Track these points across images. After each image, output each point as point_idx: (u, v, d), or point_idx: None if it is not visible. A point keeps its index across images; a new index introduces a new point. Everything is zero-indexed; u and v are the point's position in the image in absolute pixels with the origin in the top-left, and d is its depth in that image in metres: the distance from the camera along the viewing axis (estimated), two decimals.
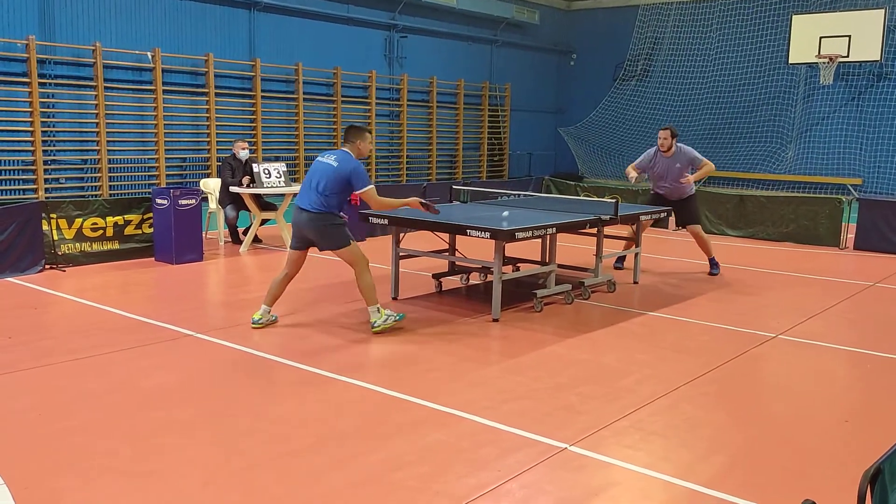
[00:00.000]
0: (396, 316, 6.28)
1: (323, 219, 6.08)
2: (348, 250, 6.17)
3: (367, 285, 6.18)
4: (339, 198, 6.13)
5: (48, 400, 4.64)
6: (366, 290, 6.18)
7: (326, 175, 6.09)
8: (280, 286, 6.41)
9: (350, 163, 6.11)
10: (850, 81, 21.55)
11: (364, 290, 6.19)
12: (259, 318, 6.36)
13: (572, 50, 27.10)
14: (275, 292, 6.41)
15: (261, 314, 6.38)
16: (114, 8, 15.25)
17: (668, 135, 8.87)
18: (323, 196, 6.06)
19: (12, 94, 13.91)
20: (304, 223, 6.15)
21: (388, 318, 6.21)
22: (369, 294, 6.18)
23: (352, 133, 6.30)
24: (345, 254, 6.18)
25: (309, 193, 6.13)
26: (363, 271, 6.19)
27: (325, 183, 6.06)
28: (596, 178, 23.90)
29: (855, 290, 8.39)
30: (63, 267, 8.54)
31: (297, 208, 6.22)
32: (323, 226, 6.09)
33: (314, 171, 6.20)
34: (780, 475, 3.83)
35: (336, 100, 19.30)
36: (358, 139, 6.25)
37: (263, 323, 6.36)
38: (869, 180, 21.03)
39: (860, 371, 5.69)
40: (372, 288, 6.19)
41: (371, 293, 6.18)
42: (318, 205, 6.08)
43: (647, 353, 5.85)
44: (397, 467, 3.79)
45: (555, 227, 6.99)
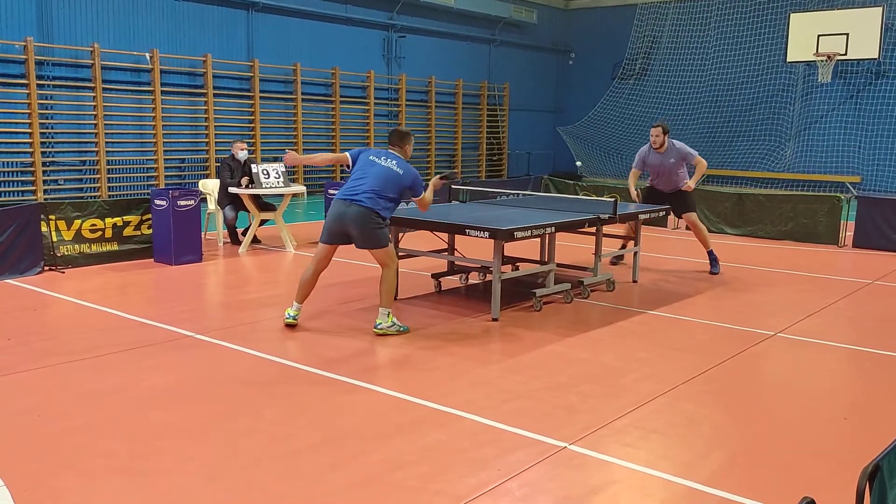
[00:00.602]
0: (402, 326, 6.24)
1: (374, 218, 6.08)
2: (386, 250, 6.22)
3: (389, 286, 6.20)
4: (394, 203, 6.21)
5: (48, 401, 4.64)
6: (386, 290, 6.19)
7: (389, 180, 6.13)
8: (311, 281, 6.37)
9: (411, 171, 6.24)
10: (849, 79, 21.56)
11: (384, 291, 6.20)
12: (294, 314, 6.34)
13: (570, 49, 27.11)
14: (306, 288, 6.37)
15: (295, 311, 6.36)
16: (112, 9, 15.25)
17: (659, 132, 8.93)
18: (381, 198, 6.09)
19: (10, 96, 13.91)
20: (353, 217, 6.07)
21: (394, 326, 6.18)
22: (388, 296, 6.19)
23: (399, 137, 6.40)
24: (380, 253, 6.21)
25: (368, 190, 6.07)
26: (392, 273, 6.23)
27: (386, 187, 6.10)
28: (594, 177, 23.90)
29: (854, 287, 8.39)
30: (62, 268, 8.54)
31: (343, 201, 6.12)
32: (371, 226, 6.08)
33: (371, 171, 6.16)
34: (779, 473, 3.84)
35: (334, 100, 19.31)
36: (406, 143, 6.38)
37: (297, 320, 6.37)
38: (868, 178, 21.05)
39: (859, 368, 5.70)
40: (392, 291, 6.23)
41: (389, 296, 6.19)
42: (373, 204, 6.06)
43: (646, 351, 5.86)
44: (397, 467, 3.80)
45: (554, 227, 6.99)
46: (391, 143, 6.40)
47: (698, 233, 9.12)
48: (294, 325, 6.33)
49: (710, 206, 12.71)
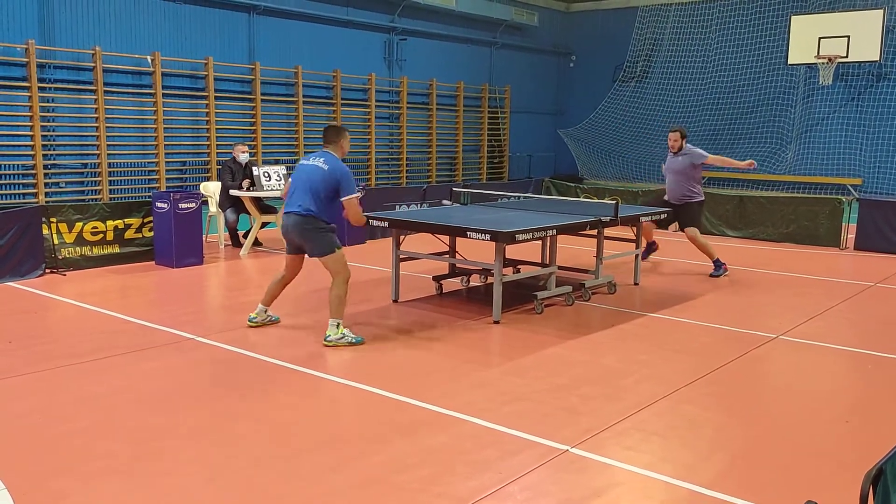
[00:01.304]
0: (354, 338, 5.94)
1: (311, 223, 5.92)
2: (333, 258, 5.97)
3: (338, 297, 5.92)
4: (329, 202, 5.97)
5: (49, 403, 4.64)
6: (336, 301, 5.92)
7: (316, 178, 5.92)
8: (277, 287, 6.37)
9: (340, 166, 5.97)
10: (850, 82, 21.56)
11: (333, 301, 5.93)
12: (255, 317, 6.38)
13: (572, 52, 27.12)
14: (272, 293, 6.37)
15: (256, 313, 6.39)
16: (113, 12, 15.27)
17: (677, 136, 9.16)
18: (314, 199, 5.91)
19: (12, 99, 13.92)
20: (293, 227, 5.99)
21: (345, 338, 5.90)
22: (337, 307, 5.92)
23: (332, 133, 6.16)
24: (328, 261, 5.97)
25: (298, 197, 5.95)
26: (341, 283, 5.96)
27: (315, 185, 5.90)
28: (596, 179, 23.91)
29: (855, 290, 8.38)
30: (63, 271, 8.54)
31: (286, 214, 6.05)
32: (309, 230, 5.93)
33: (302, 174, 6.02)
34: (781, 476, 3.83)
35: (336, 103, 19.32)
36: (341, 139, 6.12)
37: (259, 322, 6.38)
38: (869, 180, 21.03)
39: (860, 371, 5.69)
40: (342, 302, 5.95)
41: (339, 307, 5.93)
42: (307, 209, 5.90)
43: (647, 353, 5.85)
44: (399, 469, 3.79)
45: (555, 229, 6.99)
46: (326, 140, 6.16)
47: (700, 247, 9.13)
48: (256, 327, 6.34)
49: (711, 209, 12.69)
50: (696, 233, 9.14)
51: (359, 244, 11.04)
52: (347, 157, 6.33)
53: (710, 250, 9.12)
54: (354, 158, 20.00)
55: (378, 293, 7.77)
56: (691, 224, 9.18)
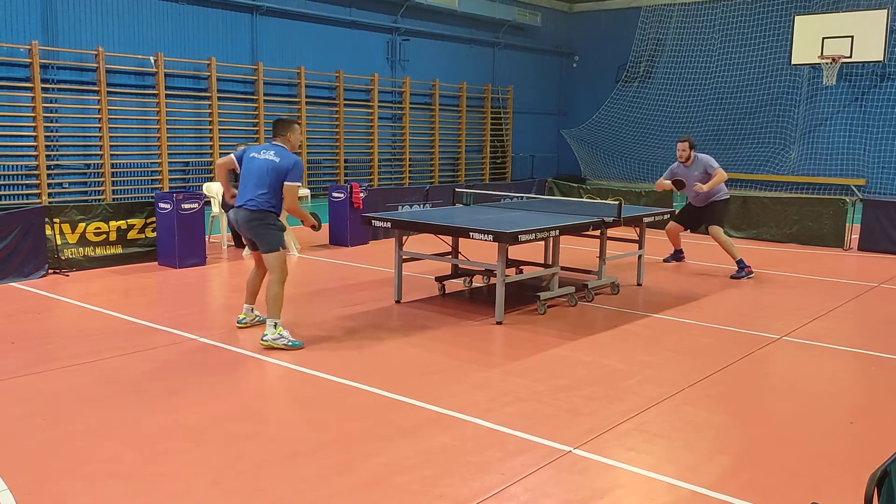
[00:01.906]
0: (291, 341, 5.81)
1: (260, 218, 5.83)
2: (275, 255, 5.89)
3: (275, 296, 5.84)
4: (280, 196, 5.87)
5: (51, 404, 4.64)
6: (273, 300, 5.83)
7: (269, 171, 5.82)
8: (255, 282, 6.29)
9: (290, 157, 5.90)
10: (854, 82, 21.52)
11: (270, 300, 5.84)
12: (243, 317, 6.34)
13: (574, 52, 27.11)
14: (253, 289, 6.30)
15: (244, 314, 6.35)
16: (116, 12, 15.30)
17: (685, 146, 9.16)
18: (267, 193, 5.81)
19: (15, 99, 13.96)
20: (243, 221, 5.88)
21: (281, 339, 5.79)
22: (274, 306, 5.82)
23: (281, 126, 6.09)
24: (270, 257, 5.89)
25: (250, 191, 5.85)
26: (279, 282, 5.87)
27: (268, 179, 5.81)
28: (599, 179, 23.90)
29: (859, 290, 8.36)
30: (66, 272, 8.54)
31: (236, 208, 5.94)
32: (259, 225, 5.85)
33: (252, 168, 5.91)
34: (784, 477, 3.82)
35: (338, 103, 19.33)
36: (288, 132, 6.05)
37: (248, 323, 6.34)
38: (873, 181, 20.99)
39: (864, 372, 5.67)
40: (279, 301, 5.85)
41: (276, 306, 5.83)
42: (258, 204, 5.81)
43: (650, 355, 5.84)
44: (400, 470, 3.78)
45: (558, 230, 6.98)
46: (274, 134, 6.08)
47: (723, 247, 9.14)
48: (246, 328, 6.29)
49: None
50: (719, 231, 9.15)
51: (362, 245, 11.04)
52: (351, 156, 6.30)
53: (733, 250, 9.09)
54: (357, 159, 20.03)
55: (381, 294, 7.77)
56: (715, 222, 9.19)
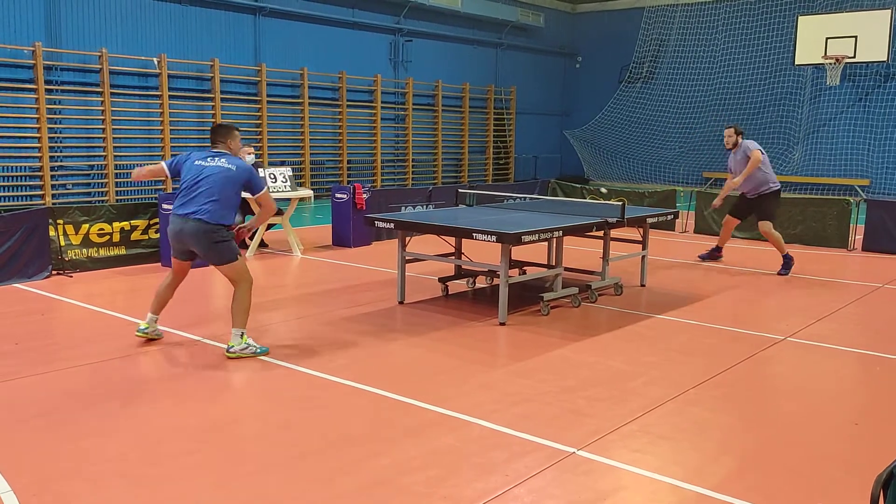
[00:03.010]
0: (258, 349, 5.63)
1: (217, 231, 5.50)
2: (234, 266, 5.61)
3: (242, 306, 5.60)
4: (236, 205, 5.66)
5: (55, 406, 4.64)
6: (239, 310, 5.60)
7: (226, 181, 5.54)
8: (166, 293, 5.90)
9: (243, 165, 5.67)
10: (857, 82, 21.49)
11: (236, 310, 5.60)
12: (145, 327, 5.88)
13: (577, 52, 27.10)
14: (161, 299, 5.90)
15: (147, 323, 5.89)
16: (120, 14, 15.32)
17: (731, 132, 9.25)
18: (221, 204, 5.51)
19: (19, 101, 13.98)
20: (192, 234, 5.51)
21: (248, 349, 5.60)
22: (240, 316, 5.60)
23: (221, 133, 5.82)
24: (229, 270, 5.61)
25: (201, 201, 5.49)
26: (245, 291, 5.64)
27: (225, 189, 5.52)
28: (602, 180, 23.88)
29: (864, 291, 8.34)
30: (70, 273, 8.55)
31: (180, 217, 5.53)
32: (214, 240, 5.50)
33: (203, 175, 5.56)
34: (789, 478, 3.81)
35: (341, 104, 19.34)
36: (228, 138, 5.81)
37: (149, 333, 5.88)
38: (877, 181, 20.95)
39: (869, 373, 5.66)
40: (246, 311, 5.63)
41: (242, 316, 5.61)
42: (213, 216, 5.48)
43: (654, 355, 5.83)
44: (405, 471, 3.78)
45: (561, 230, 6.97)
46: (214, 141, 5.81)
47: (772, 241, 9.20)
48: (147, 338, 5.88)
49: (718, 210, 12.65)
50: (770, 227, 9.15)
51: (365, 245, 11.04)
52: (354, 157, 6.26)
53: (782, 245, 9.15)
54: (360, 160, 20.04)
55: (384, 294, 7.76)
56: (764, 216, 9.20)
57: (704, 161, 23.15)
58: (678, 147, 23.96)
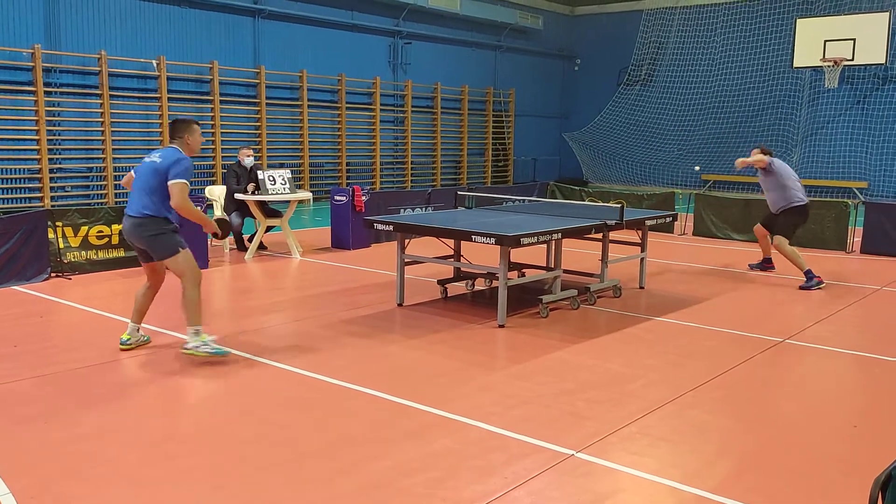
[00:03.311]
0: (214, 349, 5.50)
1: (149, 224, 5.46)
2: (176, 259, 5.52)
3: (192, 301, 5.49)
4: (166, 198, 5.49)
5: (54, 408, 4.64)
6: (190, 306, 5.48)
7: (150, 173, 5.48)
8: (145, 301, 5.82)
9: (174, 155, 5.54)
10: (856, 84, 21.53)
11: (187, 307, 5.49)
12: (127, 338, 5.79)
13: (576, 55, 27.14)
14: (141, 308, 5.82)
15: (128, 334, 5.81)
16: (119, 16, 15.34)
17: (757, 152, 9.10)
18: (149, 199, 5.46)
19: (18, 103, 13.99)
20: (129, 231, 5.54)
21: (204, 347, 5.48)
22: (192, 312, 5.49)
23: (178, 128, 5.73)
24: (172, 263, 5.54)
25: (135, 198, 5.52)
26: (192, 286, 5.51)
27: (150, 182, 5.47)
28: (601, 182, 23.90)
29: (862, 293, 8.35)
30: (69, 275, 8.55)
31: (125, 217, 5.59)
32: (149, 233, 5.48)
33: (139, 173, 5.58)
34: (788, 480, 3.81)
35: (340, 106, 19.35)
36: (186, 133, 5.71)
37: (133, 344, 5.80)
38: (875, 183, 20.99)
39: (868, 375, 5.66)
40: (197, 306, 5.52)
41: (194, 312, 5.50)
42: (144, 208, 5.46)
43: (653, 358, 5.83)
44: (405, 473, 3.78)
45: (560, 233, 6.98)
46: (171, 137, 5.75)
47: (787, 257, 8.79)
48: (129, 349, 5.75)
49: (717, 212, 12.68)
50: (783, 242, 8.75)
51: (364, 248, 11.05)
52: (353, 159, 6.20)
53: (799, 261, 8.72)
54: (359, 162, 20.05)
55: (383, 297, 7.77)
56: (779, 231, 8.88)
57: (703, 163, 23.18)
58: (677, 149, 24.00)
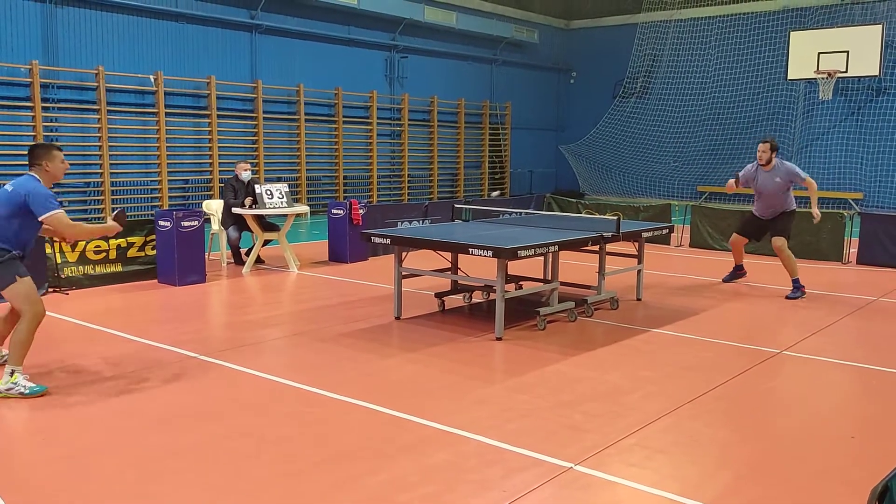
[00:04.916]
0: (29, 388, 5.01)
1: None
2: (14, 289, 5.02)
3: (19, 338, 5.02)
4: (14, 227, 5.05)
5: (50, 423, 4.63)
6: (15, 342, 5.02)
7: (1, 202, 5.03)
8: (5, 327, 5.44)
9: (27, 184, 5.09)
10: (850, 96, 21.65)
11: (13, 342, 5.03)
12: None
13: (572, 68, 27.26)
14: None
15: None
16: (116, 32, 15.40)
17: (767, 147, 8.79)
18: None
19: (16, 119, 14.02)
20: None
21: (16, 388, 4.98)
22: (15, 349, 5.01)
23: (36, 155, 5.27)
24: (12, 294, 5.03)
25: None
26: (27, 321, 5.02)
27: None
28: (597, 194, 23.95)
29: (859, 304, 8.37)
30: (66, 290, 8.54)
31: None
32: None
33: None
34: (786, 492, 3.81)
35: (337, 120, 19.41)
36: (45, 159, 5.24)
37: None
38: (870, 194, 21.06)
39: (865, 386, 5.67)
40: (23, 345, 5.04)
41: (17, 350, 5.02)
42: None
43: (651, 370, 5.83)
44: (402, 488, 3.77)
45: (557, 245, 6.99)
46: (29, 164, 5.31)
47: (784, 260, 8.78)
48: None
49: (713, 224, 12.71)
50: (784, 244, 8.72)
51: (361, 261, 11.05)
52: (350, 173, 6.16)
53: (794, 267, 8.72)
54: (356, 175, 20.09)
55: (381, 310, 7.77)
56: (779, 233, 8.79)
57: (699, 175, 23.25)
58: (673, 161, 24.08)
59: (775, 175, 8.80)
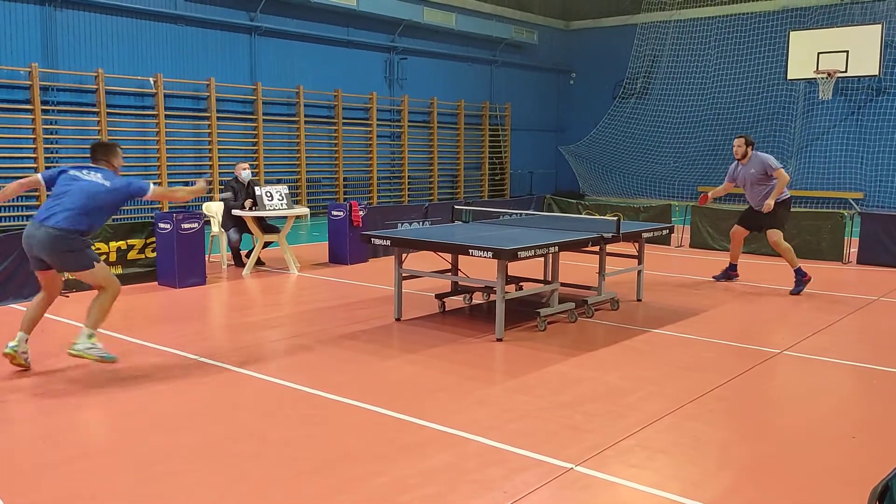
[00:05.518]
0: (104, 354, 5.59)
1: (69, 240, 5.44)
2: (93, 273, 5.61)
3: (102, 308, 5.63)
4: (102, 218, 5.69)
5: (51, 427, 4.63)
6: (98, 311, 5.61)
7: (98, 195, 5.55)
8: (38, 309, 5.79)
9: (120, 179, 5.73)
10: (850, 96, 21.65)
11: (98, 312, 5.61)
12: (15, 345, 5.61)
13: (571, 69, 27.27)
14: (33, 314, 5.75)
15: (17, 342, 5.62)
16: (116, 34, 15.40)
17: (741, 142, 9.08)
18: (86, 216, 5.50)
19: (15, 122, 14.02)
20: (40, 242, 5.43)
21: (93, 350, 5.55)
22: (96, 317, 5.60)
23: (103, 152, 5.87)
24: (88, 276, 5.61)
25: (62, 210, 5.45)
26: (108, 296, 5.66)
27: (94, 202, 5.52)
28: (597, 195, 23.96)
29: (859, 304, 8.36)
30: (66, 293, 8.53)
31: (34, 224, 5.49)
32: (64, 249, 5.45)
33: (73, 188, 5.53)
34: (787, 492, 3.81)
35: (337, 122, 19.42)
36: (112, 157, 5.87)
37: (19, 352, 5.60)
38: (870, 194, 21.05)
39: (866, 386, 5.67)
40: (104, 314, 5.66)
41: (98, 318, 5.62)
42: (71, 224, 5.43)
43: (651, 370, 5.83)
44: (403, 489, 3.77)
45: (557, 246, 6.99)
46: (94, 158, 5.82)
47: (782, 253, 8.92)
48: (12, 356, 5.57)
49: (713, 224, 12.71)
50: (780, 236, 8.87)
51: (361, 262, 11.06)
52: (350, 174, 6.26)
53: (792, 257, 8.85)
54: (356, 177, 20.09)
55: (381, 311, 7.77)
56: (774, 225, 8.93)
57: (699, 175, 23.24)
58: (673, 162, 24.08)
59: (751, 167, 9.06)
